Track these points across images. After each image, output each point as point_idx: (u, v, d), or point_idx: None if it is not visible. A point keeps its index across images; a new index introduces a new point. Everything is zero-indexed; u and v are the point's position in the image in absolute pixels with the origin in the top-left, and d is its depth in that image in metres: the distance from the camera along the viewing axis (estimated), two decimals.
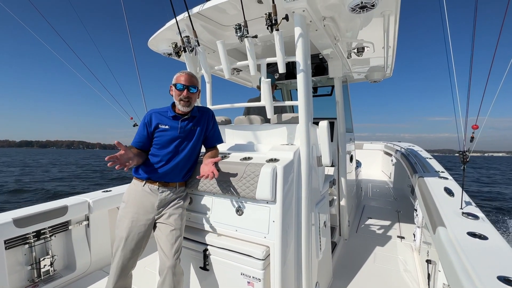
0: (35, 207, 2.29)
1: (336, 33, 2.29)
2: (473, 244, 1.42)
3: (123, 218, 1.72)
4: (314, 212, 1.90)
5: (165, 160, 1.77)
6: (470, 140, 1.69)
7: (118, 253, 1.65)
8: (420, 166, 3.56)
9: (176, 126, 1.80)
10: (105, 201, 2.69)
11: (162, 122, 1.80)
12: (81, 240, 2.53)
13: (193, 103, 1.84)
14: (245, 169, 1.70)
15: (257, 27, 1.96)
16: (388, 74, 3.80)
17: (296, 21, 1.75)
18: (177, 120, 1.81)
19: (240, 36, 1.72)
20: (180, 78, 1.77)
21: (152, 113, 1.83)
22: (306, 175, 1.79)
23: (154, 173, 1.76)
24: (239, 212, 1.75)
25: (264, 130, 2.13)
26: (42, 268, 2.24)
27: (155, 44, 2.52)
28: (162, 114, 1.83)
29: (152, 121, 1.80)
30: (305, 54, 1.78)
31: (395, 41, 2.52)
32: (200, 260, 1.82)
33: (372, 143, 8.10)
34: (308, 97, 1.82)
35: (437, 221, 1.75)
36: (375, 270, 2.58)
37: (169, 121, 1.81)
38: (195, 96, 1.84)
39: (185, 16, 1.94)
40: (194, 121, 1.86)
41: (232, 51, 2.82)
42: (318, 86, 4.12)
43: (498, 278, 1.12)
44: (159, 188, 1.77)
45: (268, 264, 1.63)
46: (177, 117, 1.82)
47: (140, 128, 1.82)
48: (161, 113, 1.84)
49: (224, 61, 1.90)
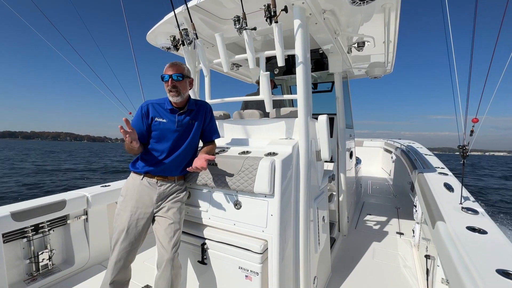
0: (33, 201, 2.29)
1: (336, 27, 2.27)
2: (472, 239, 1.41)
3: (121, 211, 1.71)
4: (312, 207, 1.89)
5: (164, 154, 1.76)
6: (470, 134, 1.67)
7: (117, 246, 1.64)
8: (420, 162, 3.55)
9: (173, 120, 1.77)
10: (104, 196, 2.69)
11: (158, 114, 1.76)
12: (79, 235, 2.53)
13: (184, 92, 1.75)
14: (243, 163, 1.69)
15: (256, 20, 1.94)
16: (389, 70, 3.78)
17: (295, 13, 1.73)
18: (174, 113, 1.78)
19: (239, 29, 1.70)
20: (166, 70, 1.72)
21: (149, 104, 1.78)
22: (305, 169, 1.78)
23: (152, 167, 1.74)
24: (237, 206, 1.74)
25: (263, 125, 2.12)
26: (40, 262, 2.24)
27: (153, 38, 2.50)
28: (160, 106, 1.78)
29: (149, 113, 1.75)
30: (305, 47, 1.76)
31: (396, 36, 2.50)
32: (198, 254, 1.81)
33: (372, 140, 8.09)
34: (307, 91, 1.80)
35: (437, 216, 1.74)
36: (374, 265, 2.58)
37: (166, 114, 1.77)
38: (184, 84, 1.74)
39: (184, 9, 1.92)
40: (192, 115, 1.84)
41: (231, 45, 2.80)
42: (318, 82, 4.10)
43: (497, 271, 1.11)
44: (158, 182, 1.76)
45: (266, 258, 1.62)
46: (174, 110, 1.79)
47: (137, 120, 1.75)
48: (158, 104, 1.79)
49: (223, 54, 1.88)
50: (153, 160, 1.75)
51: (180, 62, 1.77)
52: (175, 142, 1.78)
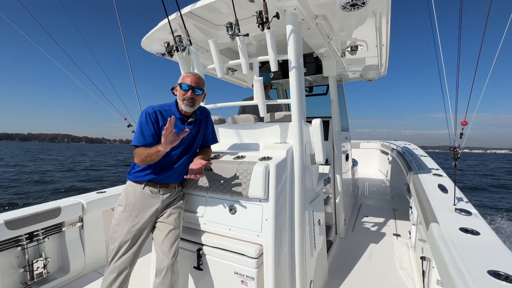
0: (28, 209, 2.27)
1: (329, 32, 2.29)
2: (465, 240, 1.43)
3: (122, 222, 1.67)
4: (308, 210, 1.90)
5: (170, 163, 1.74)
6: (460, 137, 1.70)
7: (117, 257, 1.61)
8: (416, 164, 3.57)
9: (183, 129, 1.67)
10: (100, 202, 2.67)
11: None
12: (75, 242, 2.51)
13: (197, 105, 1.76)
14: (238, 168, 1.70)
15: (249, 26, 1.96)
16: (383, 72, 3.82)
17: (287, 19, 1.75)
18: (184, 123, 1.76)
19: (232, 35, 1.72)
20: (186, 78, 1.71)
21: (157, 111, 1.69)
22: (300, 173, 1.79)
23: (156, 175, 1.71)
24: (232, 211, 1.75)
25: (258, 129, 2.13)
26: (35, 270, 2.22)
27: (148, 44, 2.51)
28: (167, 113, 1.71)
29: (158, 120, 1.68)
30: (297, 52, 1.78)
31: (388, 40, 2.53)
32: (194, 260, 1.81)
33: (368, 142, 8.13)
34: (301, 95, 1.82)
35: (430, 218, 1.75)
36: (371, 267, 2.59)
37: (176, 123, 1.70)
38: (200, 99, 1.75)
39: (177, 15, 1.93)
40: (197, 123, 1.84)
41: (225, 51, 2.82)
42: (313, 86, 4.13)
43: (488, 272, 1.12)
44: (160, 190, 1.74)
45: (261, 263, 1.62)
46: (183, 120, 1.76)
47: (147, 127, 1.65)
48: (166, 111, 1.73)
49: (217, 60, 1.90)
50: (158, 168, 1.71)
51: (200, 76, 1.77)
52: (182, 151, 1.78)
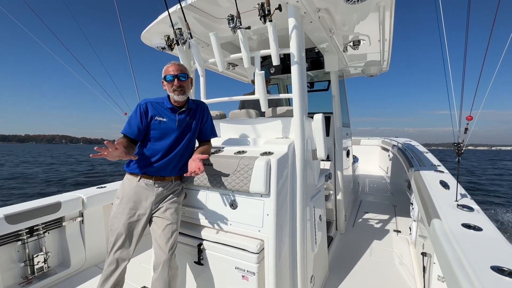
0: (28, 204, 2.26)
1: (331, 26, 2.26)
2: (468, 236, 1.42)
3: (118, 214, 1.69)
4: (309, 205, 1.89)
5: (161, 154, 1.73)
6: (464, 132, 1.68)
7: (114, 249, 1.62)
8: (417, 160, 3.56)
9: (174, 119, 1.75)
10: (100, 197, 2.67)
11: (158, 113, 1.74)
12: (75, 237, 2.51)
13: (188, 91, 1.78)
14: (239, 163, 1.68)
15: (251, 19, 1.93)
16: (385, 68, 3.79)
17: (290, 11, 1.72)
18: (175, 112, 1.76)
19: (233, 28, 1.69)
20: (168, 69, 1.72)
21: (148, 103, 1.74)
22: (301, 168, 1.78)
23: (149, 167, 1.72)
24: (233, 206, 1.74)
25: (259, 124, 2.11)
26: (35, 264, 2.22)
27: (148, 37, 2.48)
28: (159, 105, 1.76)
29: (148, 111, 1.72)
30: (299, 46, 1.76)
31: (391, 34, 2.50)
32: (194, 255, 1.80)
33: (369, 139, 8.11)
34: (303, 90, 1.79)
35: (432, 214, 1.74)
36: (371, 263, 2.59)
37: (166, 113, 1.75)
38: (187, 84, 1.76)
39: (178, 8, 1.90)
40: (191, 114, 1.83)
41: (226, 45, 2.79)
42: (314, 81, 4.10)
43: (491, 268, 1.11)
44: (155, 183, 1.73)
45: (262, 258, 1.62)
46: (174, 109, 1.77)
47: (135, 117, 1.69)
48: (157, 103, 1.76)
49: (217, 53, 1.87)
50: (151, 160, 1.72)
51: (179, 63, 1.78)
52: (174, 141, 1.77)
